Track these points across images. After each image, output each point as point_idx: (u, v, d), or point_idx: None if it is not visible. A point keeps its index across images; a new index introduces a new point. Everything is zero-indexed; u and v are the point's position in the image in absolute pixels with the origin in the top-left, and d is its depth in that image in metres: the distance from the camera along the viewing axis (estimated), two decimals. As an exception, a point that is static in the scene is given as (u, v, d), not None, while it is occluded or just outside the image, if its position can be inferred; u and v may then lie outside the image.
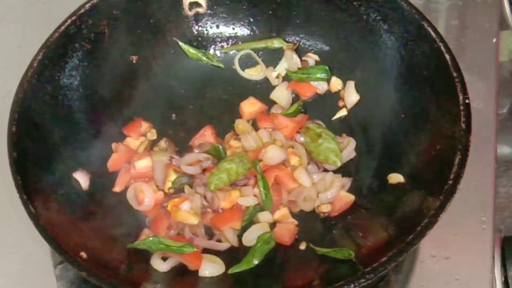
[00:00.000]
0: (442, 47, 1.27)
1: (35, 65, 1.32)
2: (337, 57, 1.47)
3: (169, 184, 1.35)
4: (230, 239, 1.29)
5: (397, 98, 1.36)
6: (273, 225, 1.31)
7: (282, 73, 1.50)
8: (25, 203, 1.18)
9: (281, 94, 1.47)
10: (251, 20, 1.51)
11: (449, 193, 1.14)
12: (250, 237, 1.29)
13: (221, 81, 1.51)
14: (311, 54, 1.49)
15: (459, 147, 1.17)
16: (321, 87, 1.47)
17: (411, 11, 1.32)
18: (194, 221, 1.31)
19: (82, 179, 1.33)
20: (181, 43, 1.50)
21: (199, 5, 1.50)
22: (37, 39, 1.35)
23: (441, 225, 1.12)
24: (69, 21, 1.36)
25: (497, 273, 1.30)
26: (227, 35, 1.52)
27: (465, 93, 1.22)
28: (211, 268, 1.25)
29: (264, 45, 1.51)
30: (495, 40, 1.59)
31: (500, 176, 1.49)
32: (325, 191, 1.32)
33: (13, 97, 1.29)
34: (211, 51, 1.53)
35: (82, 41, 1.39)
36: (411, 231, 1.12)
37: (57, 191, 1.28)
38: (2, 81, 1.57)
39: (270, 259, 1.26)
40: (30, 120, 1.29)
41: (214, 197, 1.31)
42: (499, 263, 1.30)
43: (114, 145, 1.40)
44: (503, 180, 1.55)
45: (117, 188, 1.36)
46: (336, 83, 1.46)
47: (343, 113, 1.44)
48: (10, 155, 1.23)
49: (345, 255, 1.19)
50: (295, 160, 1.36)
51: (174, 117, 1.47)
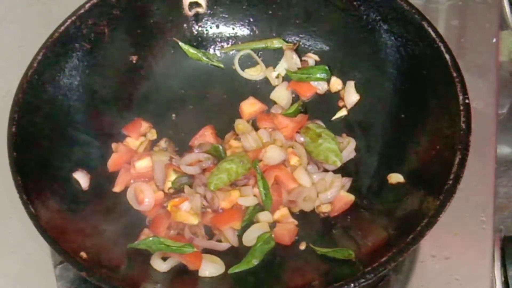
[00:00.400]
0: (442, 47, 1.27)
1: (35, 65, 1.32)
2: (337, 57, 1.47)
3: (169, 184, 1.35)
4: (230, 239, 1.29)
5: (397, 98, 1.36)
6: (273, 225, 1.31)
7: (282, 73, 1.50)
8: (25, 203, 1.18)
9: (281, 94, 1.47)
10: (251, 20, 1.51)
11: (449, 193, 1.14)
12: (250, 237, 1.29)
13: (221, 81, 1.51)
14: (311, 54, 1.49)
15: (459, 147, 1.17)
16: (321, 87, 1.47)
17: (411, 11, 1.32)
18: (194, 221, 1.31)
19: (82, 179, 1.33)
20: (181, 43, 1.50)
21: (199, 5, 1.50)
22: (37, 39, 1.35)
23: (441, 225, 1.12)
24: (69, 21, 1.36)
25: (497, 273, 1.30)
26: (227, 35, 1.52)
27: (465, 93, 1.22)
28: (211, 268, 1.25)
29: (264, 45, 1.51)
30: (495, 40, 1.58)
31: (500, 176, 1.49)
32: (325, 191, 1.32)
33: (13, 97, 1.29)
34: (211, 51, 1.53)
35: (82, 41, 1.39)
36: (411, 231, 1.12)
37: (57, 191, 1.28)
38: (2, 81, 1.58)
39: (270, 259, 1.26)
40: (30, 120, 1.29)
41: (214, 197, 1.31)
42: (499, 263, 1.30)
43: (114, 145, 1.40)
44: (503, 180, 1.55)
45: (117, 188, 1.36)
46: (336, 83, 1.46)
47: (343, 113, 1.44)
48: (10, 155, 1.23)
49: (345, 255, 1.19)
50: (295, 160, 1.35)
51: (174, 117, 1.47)
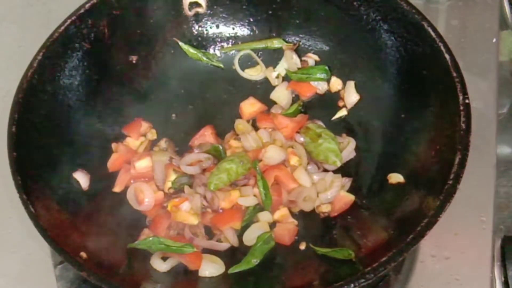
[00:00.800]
0: (442, 47, 1.27)
1: (35, 65, 1.31)
2: (337, 57, 1.47)
3: (169, 184, 1.35)
4: (230, 239, 1.29)
5: (397, 98, 1.36)
6: (273, 225, 1.31)
7: (282, 73, 1.50)
8: (25, 203, 1.18)
9: (281, 94, 1.47)
10: (251, 20, 1.51)
11: (449, 193, 1.14)
12: (250, 237, 1.29)
13: (221, 81, 1.51)
14: (311, 54, 1.49)
15: (459, 147, 1.17)
16: (321, 87, 1.47)
17: (411, 11, 1.32)
18: (194, 221, 1.31)
19: (82, 179, 1.33)
20: (181, 43, 1.50)
21: (199, 5, 1.50)
22: (37, 39, 1.35)
23: (441, 225, 1.12)
24: (69, 21, 1.36)
25: (497, 273, 1.30)
26: (227, 35, 1.52)
27: (465, 93, 1.22)
28: (211, 268, 1.25)
29: (264, 45, 1.51)
30: (495, 40, 1.58)
31: (500, 176, 1.49)
32: (325, 191, 1.32)
33: (13, 97, 1.29)
34: (211, 51, 1.52)
35: (82, 41, 1.39)
36: (411, 231, 1.12)
37: (57, 191, 1.28)
38: (2, 81, 1.57)
39: (270, 259, 1.26)
40: (30, 120, 1.29)
41: (214, 197, 1.31)
42: (499, 263, 1.30)
43: (114, 145, 1.40)
44: (503, 180, 1.55)
45: (117, 188, 1.36)
46: (336, 83, 1.46)
47: (343, 113, 1.44)
48: (10, 155, 1.23)
49: (345, 255, 1.19)
50: (295, 160, 1.35)
51: (174, 117, 1.47)
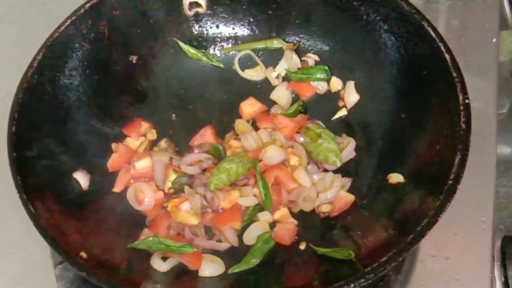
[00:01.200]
0: (442, 47, 1.27)
1: (35, 65, 1.31)
2: (337, 57, 1.47)
3: (169, 184, 1.35)
4: (230, 239, 1.29)
5: (397, 98, 1.36)
6: (273, 225, 1.31)
7: (282, 73, 1.50)
8: (25, 203, 1.18)
9: (281, 94, 1.47)
10: (251, 20, 1.51)
11: (449, 193, 1.14)
12: (250, 236, 1.29)
13: (221, 81, 1.51)
14: (311, 54, 1.49)
15: (459, 147, 1.17)
16: (321, 87, 1.47)
17: (411, 11, 1.32)
18: (194, 221, 1.31)
19: (82, 179, 1.33)
20: (181, 43, 1.50)
21: (199, 5, 1.50)
22: (37, 39, 1.35)
23: (441, 225, 1.12)
24: (69, 21, 1.36)
25: (497, 273, 1.30)
26: (227, 35, 1.52)
27: (465, 93, 1.22)
28: (211, 268, 1.25)
29: (264, 46, 1.51)
30: (495, 40, 1.58)
31: (500, 176, 1.49)
32: (325, 191, 1.32)
33: (13, 97, 1.29)
34: (211, 51, 1.52)
35: (82, 41, 1.39)
36: (411, 231, 1.12)
37: (57, 191, 1.28)
38: (2, 81, 1.58)
39: (270, 259, 1.26)
40: (30, 120, 1.29)
41: (214, 197, 1.31)
42: (499, 263, 1.30)
43: (114, 145, 1.40)
44: (503, 180, 1.55)
45: (117, 188, 1.36)
46: (336, 83, 1.46)
47: (343, 113, 1.44)
48: (10, 155, 1.23)
49: (345, 255, 1.19)
50: (295, 160, 1.35)
51: (174, 117, 1.47)
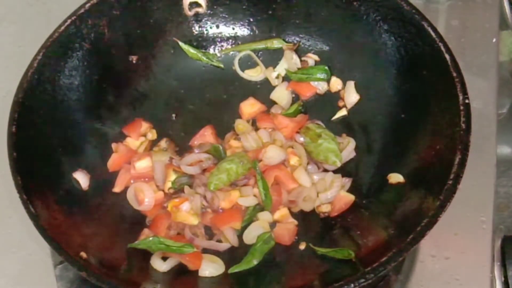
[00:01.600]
0: (442, 47, 1.27)
1: (35, 65, 1.31)
2: (337, 57, 1.47)
3: (169, 184, 1.35)
4: (230, 239, 1.29)
5: (397, 98, 1.36)
6: (273, 225, 1.31)
7: (282, 74, 1.49)
8: (25, 203, 1.18)
9: (281, 94, 1.47)
10: (251, 20, 1.51)
11: (449, 193, 1.14)
12: (250, 235, 1.29)
13: (221, 81, 1.51)
14: (311, 54, 1.49)
15: (459, 147, 1.17)
16: (321, 87, 1.47)
17: (411, 11, 1.32)
18: (194, 221, 1.31)
19: (82, 179, 1.33)
20: (181, 43, 1.50)
21: (199, 5, 1.49)
22: (37, 39, 1.35)
23: (441, 225, 1.12)
24: (69, 21, 1.36)
25: (497, 273, 1.30)
26: (227, 35, 1.52)
27: (465, 93, 1.22)
28: (211, 268, 1.25)
29: (264, 46, 1.51)
30: (495, 40, 1.58)
31: (500, 176, 1.49)
32: (325, 191, 1.32)
33: (13, 97, 1.29)
34: (211, 51, 1.52)
35: (82, 41, 1.39)
36: (411, 231, 1.12)
37: (57, 191, 1.28)
38: (2, 81, 1.57)
39: (270, 259, 1.26)
40: (30, 120, 1.29)
41: (214, 197, 1.31)
42: (499, 263, 1.30)
43: (114, 145, 1.40)
44: (503, 180, 1.55)
45: (117, 188, 1.36)
46: (336, 83, 1.46)
47: (343, 113, 1.43)
48: (10, 155, 1.23)
49: (345, 255, 1.19)
50: (295, 160, 1.35)
51: (174, 117, 1.47)
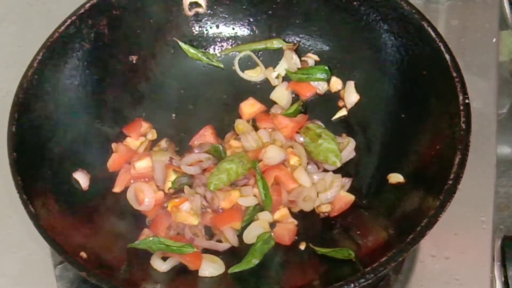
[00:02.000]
0: (442, 47, 1.27)
1: (35, 65, 1.31)
2: (337, 57, 1.47)
3: (169, 184, 1.35)
4: (230, 239, 1.29)
5: (397, 98, 1.36)
6: (273, 225, 1.31)
7: (282, 74, 1.50)
8: (25, 203, 1.18)
9: (281, 94, 1.47)
10: (251, 20, 1.51)
11: (449, 193, 1.13)
12: (250, 235, 1.29)
13: (221, 81, 1.51)
14: (311, 54, 1.49)
15: (459, 147, 1.17)
16: (321, 87, 1.47)
17: (411, 11, 1.32)
18: (194, 221, 1.31)
19: (82, 179, 1.33)
20: (181, 43, 1.50)
21: (199, 5, 1.50)
22: (37, 39, 1.35)
23: (441, 225, 1.12)
24: (69, 21, 1.36)
25: (497, 273, 1.30)
26: (227, 35, 1.52)
27: (465, 93, 1.22)
28: (211, 268, 1.25)
29: (263, 46, 1.51)
30: (495, 40, 1.59)
31: (500, 176, 1.49)
32: (325, 191, 1.32)
33: (13, 97, 1.29)
34: (211, 51, 1.52)
35: (82, 41, 1.39)
36: (411, 231, 1.12)
37: (57, 191, 1.28)
38: (2, 81, 1.57)
39: (270, 259, 1.26)
40: (30, 120, 1.29)
41: (214, 197, 1.31)
42: (499, 263, 1.30)
43: (114, 145, 1.40)
44: (503, 180, 1.55)
45: (117, 188, 1.36)
46: (336, 83, 1.46)
47: (343, 113, 1.44)
48: (10, 155, 1.23)
49: (345, 255, 1.19)
50: (294, 160, 1.35)
51: (174, 117, 1.47)
